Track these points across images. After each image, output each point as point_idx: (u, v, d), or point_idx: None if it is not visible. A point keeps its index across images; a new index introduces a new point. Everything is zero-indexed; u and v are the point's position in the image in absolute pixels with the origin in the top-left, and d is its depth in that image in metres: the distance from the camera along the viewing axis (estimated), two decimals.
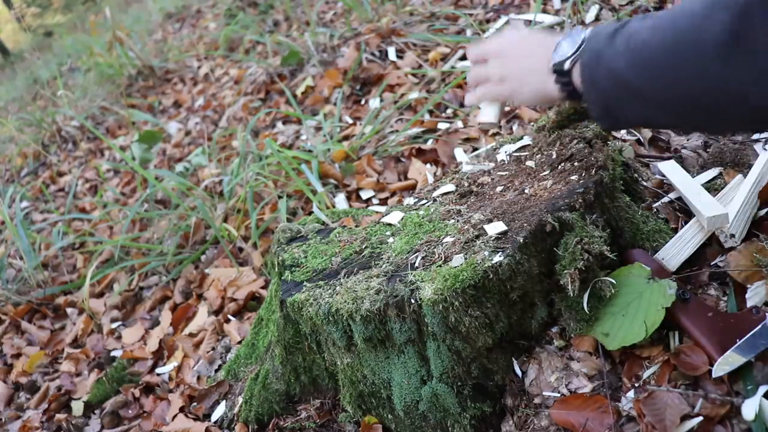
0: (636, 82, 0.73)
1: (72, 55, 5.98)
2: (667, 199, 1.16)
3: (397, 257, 1.03)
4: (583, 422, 0.90)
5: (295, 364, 1.17)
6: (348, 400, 1.10)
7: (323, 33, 2.94)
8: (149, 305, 1.97)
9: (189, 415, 1.43)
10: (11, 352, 2.08)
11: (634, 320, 0.92)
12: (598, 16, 2.02)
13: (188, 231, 2.04)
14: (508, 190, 1.10)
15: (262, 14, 3.91)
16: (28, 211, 3.13)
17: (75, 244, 2.49)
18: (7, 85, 7.14)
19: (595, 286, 0.95)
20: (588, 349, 0.98)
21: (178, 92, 3.67)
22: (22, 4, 14.68)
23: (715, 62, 0.65)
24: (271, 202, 1.96)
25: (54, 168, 3.52)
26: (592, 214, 0.98)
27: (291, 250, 1.16)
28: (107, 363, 1.80)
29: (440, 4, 2.68)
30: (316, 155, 1.94)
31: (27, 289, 2.33)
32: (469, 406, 0.98)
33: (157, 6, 5.81)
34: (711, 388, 0.87)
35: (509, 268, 0.92)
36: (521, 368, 1.01)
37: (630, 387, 0.92)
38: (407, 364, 0.99)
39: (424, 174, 1.72)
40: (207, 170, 2.38)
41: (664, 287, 0.93)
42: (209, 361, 1.57)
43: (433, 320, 0.92)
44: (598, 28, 0.81)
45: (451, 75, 2.13)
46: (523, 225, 0.96)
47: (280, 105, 2.72)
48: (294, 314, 1.06)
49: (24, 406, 1.82)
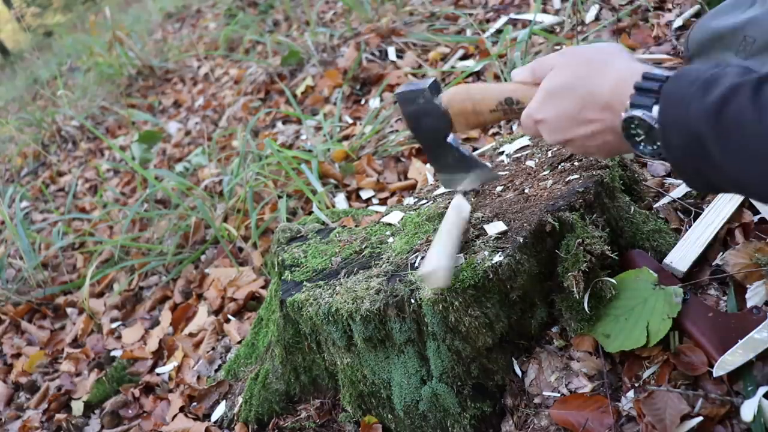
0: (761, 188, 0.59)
1: (72, 55, 5.98)
2: (667, 199, 1.16)
3: (397, 257, 1.03)
4: (583, 422, 0.89)
5: (295, 364, 1.17)
6: (348, 400, 1.10)
7: (323, 33, 2.94)
8: (149, 305, 1.97)
9: (189, 415, 1.43)
10: (11, 352, 2.08)
11: (636, 325, 0.92)
12: (598, 16, 2.02)
13: (188, 231, 2.04)
14: (508, 190, 1.10)
15: (262, 14, 3.91)
16: (28, 211, 3.13)
17: (75, 244, 2.49)
18: (7, 85, 7.14)
19: (596, 287, 0.95)
20: (588, 349, 0.98)
21: (178, 92, 3.67)
22: (22, 4, 14.68)
23: None
24: (271, 202, 1.96)
25: (54, 168, 3.52)
26: (592, 214, 0.98)
27: (291, 250, 1.16)
28: (107, 363, 1.80)
29: (440, 4, 2.68)
30: (316, 155, 1.94)
31: (27, 289, 2.33)
32: (469, 406, 0.98)
33: (157, 6, 5.81)
34: (711, 388, 0.87)
35: (509, 268, 0.92)
36: (521, 368, 1.01)
37: (630, 387, 0.92)
38: (407, 364, 0.99)
39: (424, 174, 1.72)
40: (207, 170, 2.38)
41: (671, 295, 0.92)
42: (209, 361, 1.57)
43: (433, 320, 0.92)
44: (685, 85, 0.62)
45: (451, 75, 2.13)
46: (523, 225, 0.96)
47: (280, 105, 2.72)
48: (294, 314, 1.06)
49: (24, 406, 1.82)
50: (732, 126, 0.57)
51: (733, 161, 0.57)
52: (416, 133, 1.00)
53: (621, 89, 0.68)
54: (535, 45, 2.02)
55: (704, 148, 0.59)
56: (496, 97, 0.87)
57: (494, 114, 0.89)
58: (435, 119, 0.94)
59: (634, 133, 0.68)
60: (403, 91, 0.96)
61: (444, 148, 0.98)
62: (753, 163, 0.56)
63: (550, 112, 0.77)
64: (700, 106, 0.58)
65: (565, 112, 0.76)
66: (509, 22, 2.26)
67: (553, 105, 0.77)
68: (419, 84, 0.94)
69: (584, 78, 0.74)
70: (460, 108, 0.91)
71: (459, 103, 0.91)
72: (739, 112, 0.56)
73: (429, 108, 0.93)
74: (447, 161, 1.00)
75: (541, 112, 0.79)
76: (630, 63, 0.71)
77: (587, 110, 0.73)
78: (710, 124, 0.58)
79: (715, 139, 0.58)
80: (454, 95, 0.92)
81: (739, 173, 0.58)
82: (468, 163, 1.00)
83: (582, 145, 0.78)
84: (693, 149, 0.61)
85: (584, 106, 0.73)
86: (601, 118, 0.72)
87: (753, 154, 0.56)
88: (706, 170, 0.61)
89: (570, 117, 0.75)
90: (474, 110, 0.90)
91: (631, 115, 0.66)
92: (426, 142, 1.01)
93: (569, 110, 0.75)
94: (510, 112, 0.87)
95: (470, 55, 2.23)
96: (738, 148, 0.57)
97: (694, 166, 0.62)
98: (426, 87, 0.92)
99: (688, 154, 0.62)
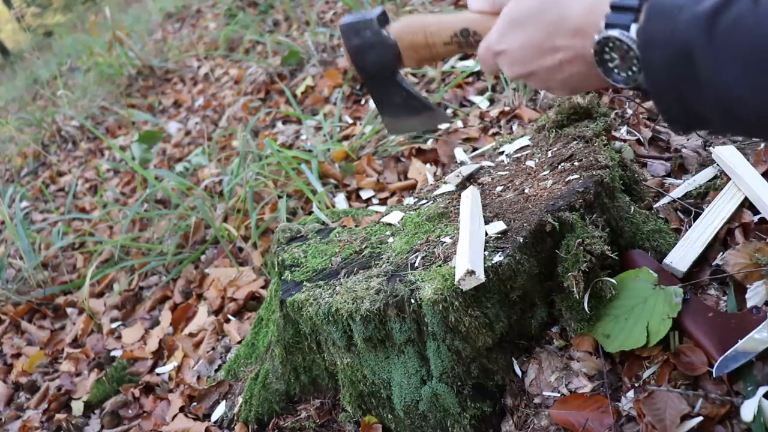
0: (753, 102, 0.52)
1: (72, 55, 5.98)
2: (667, 199, 1.16)
3: (397, 257, 1.03)
4: (583, 422, 0.89)
5: (295, 364, 1.17)
6: (348, 400, 1.10)
7: (323, 33, 2.94)
8: (149, 305, 1.97)
9: (189, 415, 1.43)
10: (11, 352, 2.08)
11: (636, 325, 0.92)
12: None
13: (188, 231, 2.04)
14: (508, 190, 1.10)
15: (262, 14, 3.91)
16: (28, 211, 3.13)
17: (75, 244, 2.49)
18: (7, 85, 7.14)
19: (596, 287, 0.95)
20: (588, 349, 0.98)
21: (178, 92, 3.67)
22: (22, 4, 14.68)
23: None
24: (271, 202, 1.96)
25: (54, 168, 3.52)
26: (592, 214, 0.98)
27: (291, 250, 1.16)
28: (107, 363, 1.80)
29: (440, 4, 2.68)
30: (316, 155, 1.94)
31: (27, 289, 2.33)
32: (469, 406, 0.98)
33: (157, 6, 5.81)
34: (711, 388, 0.87)
35: (509, 268, 0.92)
36: (521, 368, 1.01)
37: (630, 387, 0.92)
38: (407, 364, 0.99)
39: (424, 174, 1.72)
40: (207, 170, 2.38)
41: (671, 295, 0.92)
42: (209, 361, 1.57)
43: (433, 320, 0.92)
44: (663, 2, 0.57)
45: (450, 75, 2.13)
46: (523, 225, 0.96)
47: (280, 105, 2.72)
48: (294, 314, 1.06)
49: (24, 406, 1.82)
50: (729, 32, 0.51)
51: (726, 74, 0.52)
52: (360, 68, 0.90)
53: (595, 10, 0.62)
54: None
55: (691, 63, 0.54)
56: (451, 27, 0.80)
57: (448, 47, 0.82)
58: (382, 52, 0.85)
59: (608, 57, 0.62)
60: (348, 22, 0.86)
61: (391, 86, 0.90)
62: (747, 75, 0.51)
63: (513, 42, 0.70)
64: (691, 14, 0.53)
65: (530, 40, 0.68)
66: None
67: (515, 34, 0.70)
68: (365, 14, 0.85)
69: (552, 2, 0.66)
70: (410, 41, 0.83)
71: (410, 35, 0.83)
72: (738, 18, 0.51)
73: (375, 40, 0.85)
74: (393, 100, 0.92)
75: (502, 43, 0.71)
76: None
77: (555, 37, 0.66)
78: (702, 32, 0.52)
79: (706, 48, 0.52)
80: (405, 27, 0.84)
81: (731, 88, 0.52)
82: (417, 103, 0.92)
83: (546, 78, 0.71)
84: (678, 66, 0.55)
85: (552, 32, 0.66)
86: (570, 45, 0.65)
87: (749, 62, 0.51)
88: (689, 92, 0.56)
89: (535, 46, 0.68)
90: (426, 43, 0.83)
91: (606, 36, 0.60)
92: (371, 79, 0.92)
93: (534, 38, 0.68)
94: (466, 45, 0.80)
95: (470, 55, 2.23)
96: (733, 57, 0.51)
97: (676, 88, 0.57)
98: (373, 17, 0.84)
99: (672, 74, 0.56)
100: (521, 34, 0.69)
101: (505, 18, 0.71)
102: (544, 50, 0.68)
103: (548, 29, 0.67)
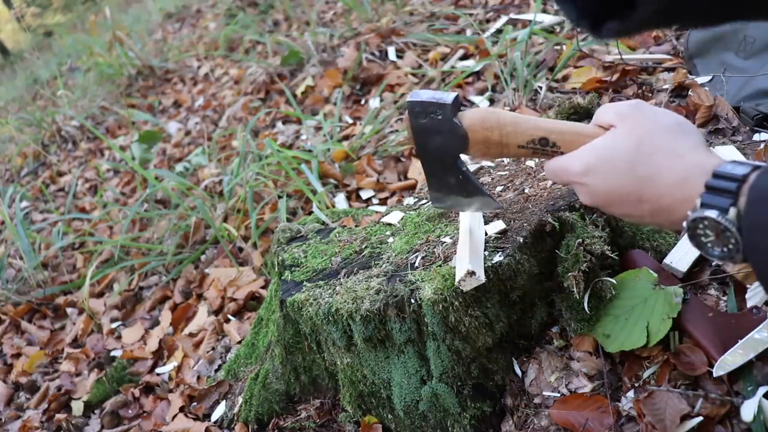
0: None
1: (72, 55, 5.98)
2: None
3: (397, 257, 1.03)
4: (583, 422, 0.89)
5: (295, 364, 1.17)
6: (348, 400, 1.10)
7: (323, 33, 2.95)
8: (149, 305, 1.97)
9: (189, 415, 1.43)
10: (11, 352, 2.08)
11: (636, 325, 0.92)
12: None
13: (188, 231, 2.04)
14: (508, 190, 1.10)
15: (262, 14, 3.91)
16: (28, 211, 3.13)
17: (75, 244, 2.49)
18: (7, 85, 7.14)
19: (596, 287, 0.95)
20: (588, 349, 0.98)
21: (178, 92, 3.67)
22: (22, 4, 14.68)
23: None
24: (271, 202, 1.96)
25: (54, 168, 3.52)
26: (592, 214, 0.98)
27: (291, 250, 1.16)
28: (107, 363, 1.80)
29: (440, 4, 2.68)
30: (316, 155, 1.94)
31: (27, 289, 2.33)
32: (469, 406, 0.98)
33: (157, 6, 5.81)
34: (711, 388, 0.87)
35: (509, 268, 0.92)
36: (521, 368, 1.01)
37: (630, 387, 0.92)
38: (407, 364, 0.99)
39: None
40: (207, 170, 2.38)
41: (671, 295, 0.92)
42: (209, 361, 1.57)
43: (433, 320, 0.92)
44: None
45: (451, 75, 2.13)
46: (523, 225, 0.97)
47: (280, 105, 2.72)
48: (294, 314, 1.06)
49: (24, 406, 1.82)
50: None
51: None
52: (421, 147, 0.87)
53: (688, 185, 0.62)
54: (535, 45, 2.02)
55: None
56: (529, 134, 0.77)
57: (521, 150, 0.79)
58: (450, 139, 0.82)
59: (701, 233, 0.60)
60: (419, 101, 0.82)
61: (449, 169, 0.88)
62: None
63: (598, 182, 0.69)
64: None
65: (617, 189, 0.68)
66: (509, 22, 2.26)
67: (602, 174, 0.68)
68: (439, 96, 0.81)
69: (648, 157, 0.65)
70: (483, 136, 0.80)
71: (484, 130, 0.79)
72: None
73: (445, 126, 0.81)
74: (448, 181, 0.90)
75: (586, 177, 0.70)
76: (701, 156, 0.64)
77: (643, 193, 0.66)
78: None
79: None
80: (480, 121, 0.80)
81: None
82: (471, 188, 0.89)
83: (624, 216, 0.71)
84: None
85: (641, 188, 0.66)
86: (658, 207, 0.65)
87: None
88: None
89: (621, 195, 0.68)
90: (500, 142, 0.79)
91: (702, 216, 0.59)
92: (430, 160, 0.89)
93: (623, 189, 0.67)
94: (542, 153, 0.78)
95: (470, 55, 2.23)
96: None
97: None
98: (449, 102, 0.80)
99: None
100: (608, 177, 0.68)
101: (595, 153, 0.70)
102: (630, 201, 0.67)
103: (638, 184, 0.66)
